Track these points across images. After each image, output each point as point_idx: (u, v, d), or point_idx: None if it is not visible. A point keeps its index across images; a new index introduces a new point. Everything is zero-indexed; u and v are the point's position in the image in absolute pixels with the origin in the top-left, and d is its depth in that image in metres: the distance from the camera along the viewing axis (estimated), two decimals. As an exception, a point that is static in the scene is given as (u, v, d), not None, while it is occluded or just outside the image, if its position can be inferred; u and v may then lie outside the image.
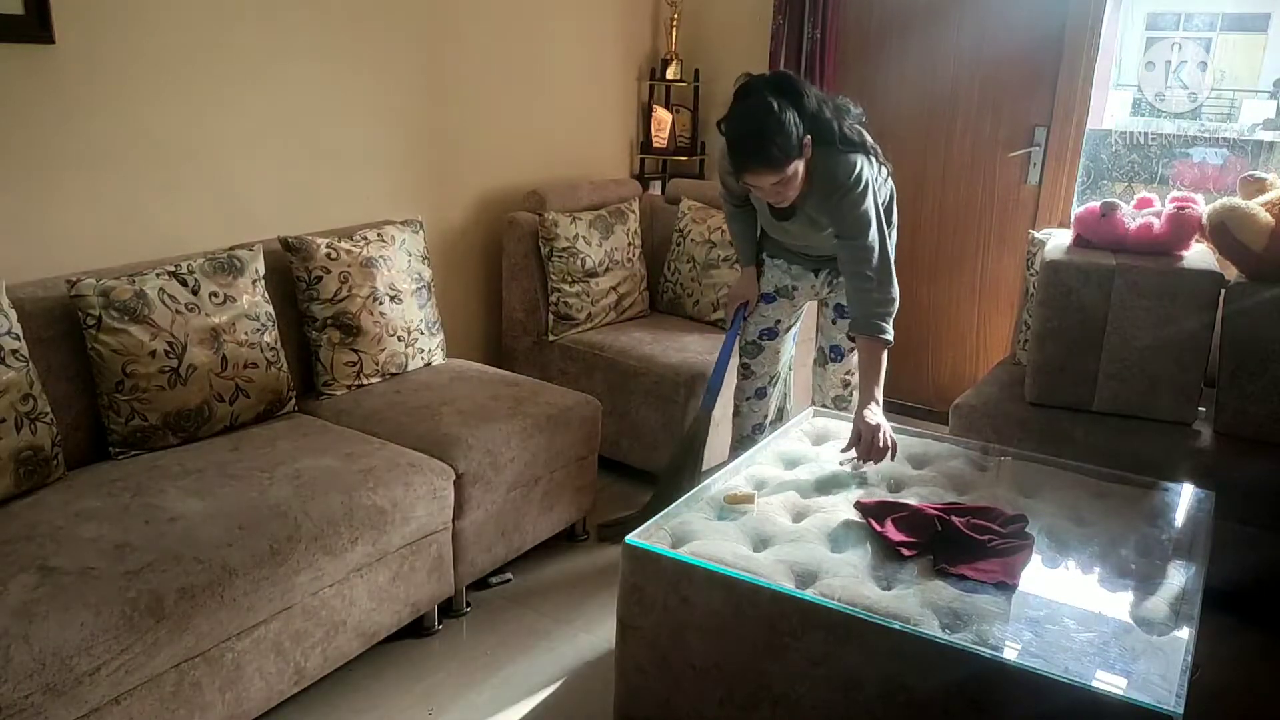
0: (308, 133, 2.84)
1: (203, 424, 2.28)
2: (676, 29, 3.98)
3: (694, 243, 3.50)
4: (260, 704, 1.96)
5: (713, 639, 1.87)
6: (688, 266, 3.51)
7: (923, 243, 3.83)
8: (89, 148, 2.34)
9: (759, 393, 2.89)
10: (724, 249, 3.40)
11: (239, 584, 1.83)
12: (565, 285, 3.31)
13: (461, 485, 2.37)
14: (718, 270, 3.43)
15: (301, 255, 2.57)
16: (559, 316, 3.32)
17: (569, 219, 3.32)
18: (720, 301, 3.40)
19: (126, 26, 2.36)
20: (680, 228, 3.58)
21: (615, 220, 3.46)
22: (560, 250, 3.28)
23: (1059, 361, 2.80)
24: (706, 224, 3.50)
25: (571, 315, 3.32)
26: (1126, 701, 1.53)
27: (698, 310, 3.50)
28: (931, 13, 3.62)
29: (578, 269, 3.32)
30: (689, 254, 3.51)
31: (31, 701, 1.53)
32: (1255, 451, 2.61)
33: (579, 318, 3.34)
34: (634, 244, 3.52)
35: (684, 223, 3.57)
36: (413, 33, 3.09)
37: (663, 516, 2.07)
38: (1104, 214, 2.86)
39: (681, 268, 3.54)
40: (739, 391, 2.92)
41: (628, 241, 3.49)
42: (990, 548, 1.95)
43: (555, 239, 3.27)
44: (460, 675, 2.29)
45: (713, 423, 3.01)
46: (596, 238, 3.37)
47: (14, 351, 1.96)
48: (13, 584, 1.65)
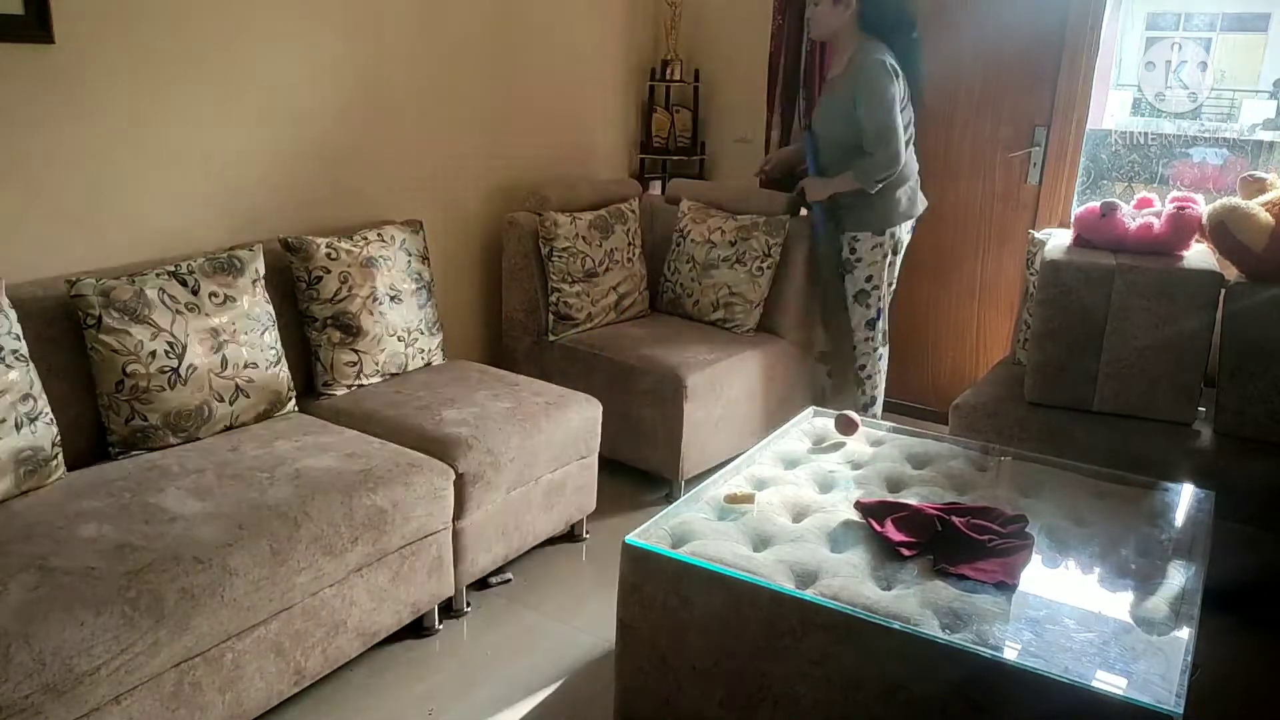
0: (308, 132, 2.84)
1: (203, 424, 2.28)
2: (676, 29, 3.98)
3: (694, 243, 3.49)
4: (260, 704, 1.96)
5: (713, 639, 1.87)
6: (688, 266, 3.50)
7: (923, 243, 3.82)
8: (89, 147, 2.34)
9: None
10: (724, 249, 3.40)
11: (239, 584, 1.83)
12: (565, 285, 3.30)
13: (461, 485, 2.37)
14: (718, 270, 3.42)
15: (301, 255, 2.57)
16: (559, 317, 3.31)
17: (569, 219, 3.31)
18: (721, 301, 3.41)
19: (126, 26, 2.36)
20: (680, 228, 3.56)
21: (615, 220, 3.45)
22: (561, 250, 3.27)
23: (1059, 361, 2.80)
24: (706, 224, 3.48)
25: (572, 315, 3.32)
26: (1126, 701, 1.54)
27: (698, 310, 3.49)
28: (931, 12, 3.62)
29: (578, 269, 3.31)
30: (689, 254, 3.50)
31: (31, 701, 1.53)
32: (1255, 451, 2.61)
33: (579, 318, 3.33)
34: (634, 244, 3.52)
35: (684, 223, 3.56)
36: (413, 33, 3.09)
37: (662, 516, 2.08)
38: (1104, 214, 2.86)
39: (681, 268, 3.53)
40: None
41: (628, 241, 3.48)
42: (990, 548, 1.95)
43: (556, 239, 3.26)
44: (460, 675, 2.29)
45: (713, 424, 3.03)
46: (597, 238, 3.36)
47: (14, 351, 1.96)
48: (13, 584, 1.65)
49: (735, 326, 3.39)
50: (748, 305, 3.37)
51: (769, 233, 3.35)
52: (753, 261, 3.36)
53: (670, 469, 3.11)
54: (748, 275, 3.36)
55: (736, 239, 3.39)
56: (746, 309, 3.38)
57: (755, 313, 3.39)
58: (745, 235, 3.38)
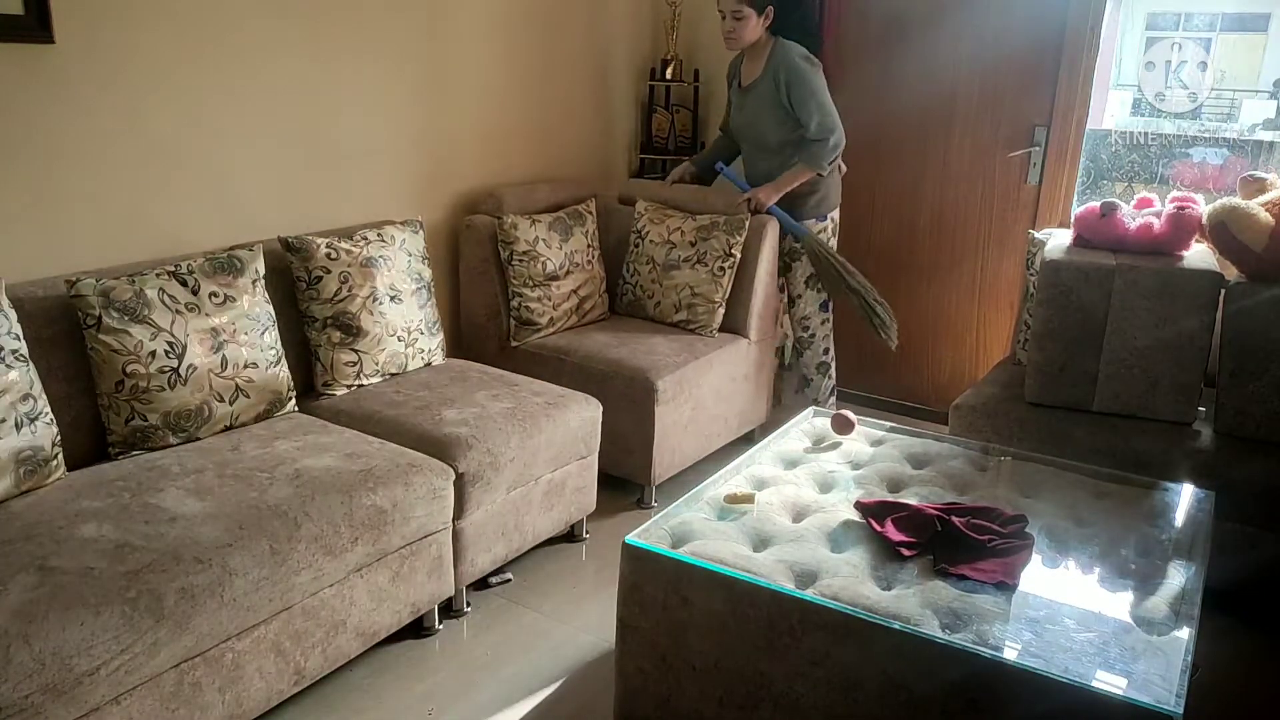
0: (308, 132, 2.84)
1: (203, 424, 2.28)
2: (676, 29, 3.98)
3: (653, 244, 3.41)
4: (260, 704, 1.96)
5: (713, 639, 1.87)
6: (648, 268, 3.42)
7: (923, 243, 3.83)
8: (89, 148, 2.34)
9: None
10: (684, 249, 3.34)
11: (239, 584, 1.83)
12: (526, 289, 3.21)
13: (461, 485, 2.37)
14: (679, 271, 3.35)
15: (301, 255, 2.57)
16: (520, 322, 3.23)
17: (528, 221, 3.22)
18: (683, 302, 3.35)
19: (126, 25, 2.36)
20: (638, 229, 3.47)
21: (574, 222, 3.37)
22: (521, 254, 3.19)
23: (1059, 361, 2.80)
24: (665, 224, 3.41)
25: (534, 320, 3.23)
26: (1126, 701, 1.54)
27: (659, 312, 3.41)
28: (931, 13, 3.62)
29: (539, 272, 3.22)
30: (648, 255, 3.42)
31: (31, 701, 1.53)
32: (1255, 451, 2.61)
33: (541, 322, 3.24)
34: (593, 245, 3.43)
35: (641, 223, 3.47)
36: (413, 33, 3.09)
37: (662, 516, 2.08)
38: (1104, 214, 2.86)
39: (641, 269, 3.44)
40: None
41: (586, 243, 3.39)
42: (990, 548, 1.95)
43: (515, 242, 3.18)
44: (460, 675, 2.29)
45: (682, 427, 3.10)
46: (556, 240, 3.28)
47: (14, 351, 1.96)
48: (13, 584, 1.65)
49: (700, 328, 3.33)
50: (711, 305, 3.32)
51: (729, 231, 3.30)
52: (714, 261, 3.30)
53: (642, 473, 3.07)
54: (709, 275, 3.31)
55: (697, 239, 3.33)
56: (710, 309, 3.32)
57: (719, 313, 3.34)
58: (705, 235, 3.33)
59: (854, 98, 3.77)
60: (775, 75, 3.27)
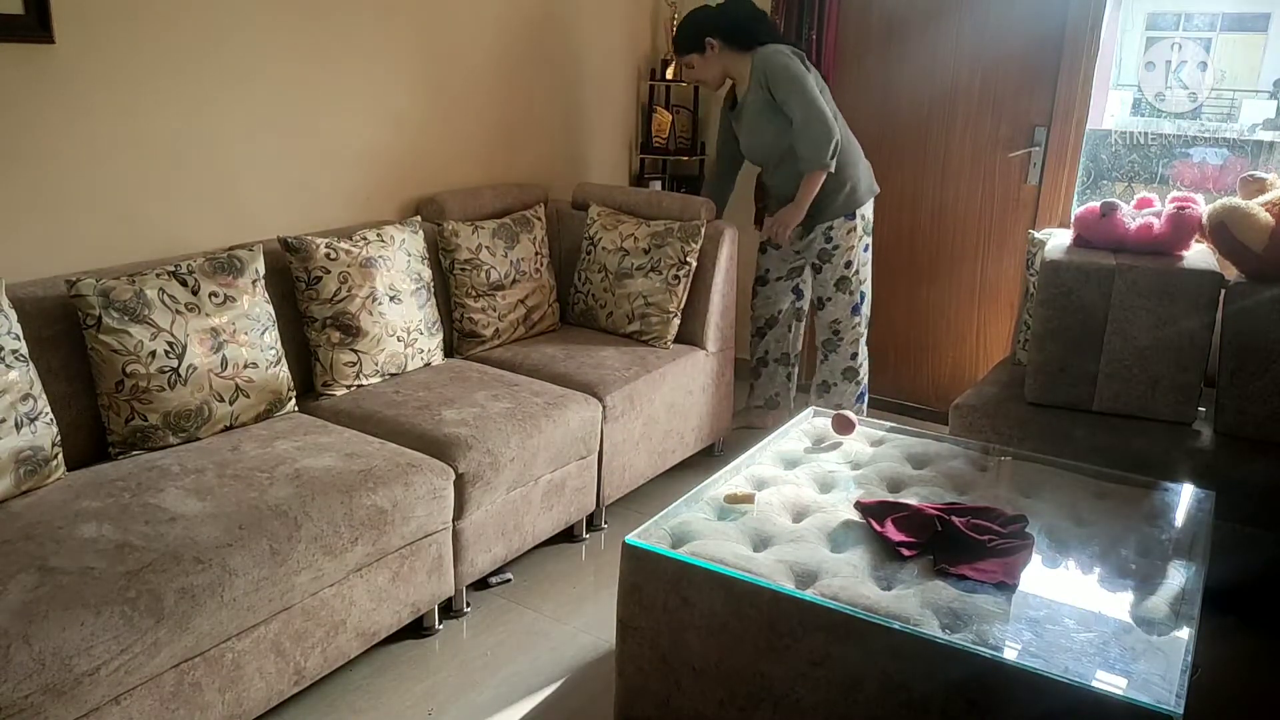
0: (308, 132, 2.84)
1: (203, 424, 2.28)
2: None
3: (606, 251, 3.26)
4: (260, 704, 1.96)
5: (713, 639, 1.87)
6: (599, 276, 3.27)
7: (922, 243, 3.83)
8: (89, 148, 2.34)
9: (758, 331, 3.61)
10: (638, 257, 3.20)
11: (239, 584, 1.83)
12: (469, 300, 3.04)
13: (461, 485, 2.37)
14: (632, 279, 3.20)
15: (301, 255, 2.57)
16: (464, 334, 3.07)
17: (470, 228, 3.05)
18: (637, 312, 3.20)
19: (126, 26, 2.36)
20: (590, 235, 3.33)
21: (521, 228, 3.20)
22: (462, 262, 3.02)
23: (1059, 361, 2.80)
24: (618, 230, 3.27)
25: (478, 332, 3.07)
26: (1126, 701, 1.54)
27: (612, 322, 3.26)
28: (931, 13, 3.62)
29: (482, 282, 3.05)
30: (600, 263, 3.27)
31: (31, 701, 1.53)
32: (1255, 451, 2.61)
33: (486, 334, 3.08)
34: (542, 253, 3.26)
35: (594, 229, 3.32)
36: (413, 33, 3.09)
37: (662, 516, 2.08)
38: (1104, 214, 2.86)
39: (593, 278, 3.30)
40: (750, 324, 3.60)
41: (535, 251, 3.22)
42: (990, 548, 1.95)
43: (456, 250, 3.01)
44: (460, 675, 2.29)
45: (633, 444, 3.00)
46: (501, 248, 3.11)
47: (14, 351, 1.96)
48: (13, 584, 1.65)
49: (654, 339, 3.19)
50: (665, 316, 3.17)
51: (684, 239, 3.16)
52: (668, 269, 3.16)
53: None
54: (664, 284, 3.17)
55: (650, 246, 3.19)
56: (665, 320, 3.18)
57: (674, 323, 3.19)
58: (659, 242, 3.18)
59: (854, 98, 3.77)
60: (760, 79, 3.18)
